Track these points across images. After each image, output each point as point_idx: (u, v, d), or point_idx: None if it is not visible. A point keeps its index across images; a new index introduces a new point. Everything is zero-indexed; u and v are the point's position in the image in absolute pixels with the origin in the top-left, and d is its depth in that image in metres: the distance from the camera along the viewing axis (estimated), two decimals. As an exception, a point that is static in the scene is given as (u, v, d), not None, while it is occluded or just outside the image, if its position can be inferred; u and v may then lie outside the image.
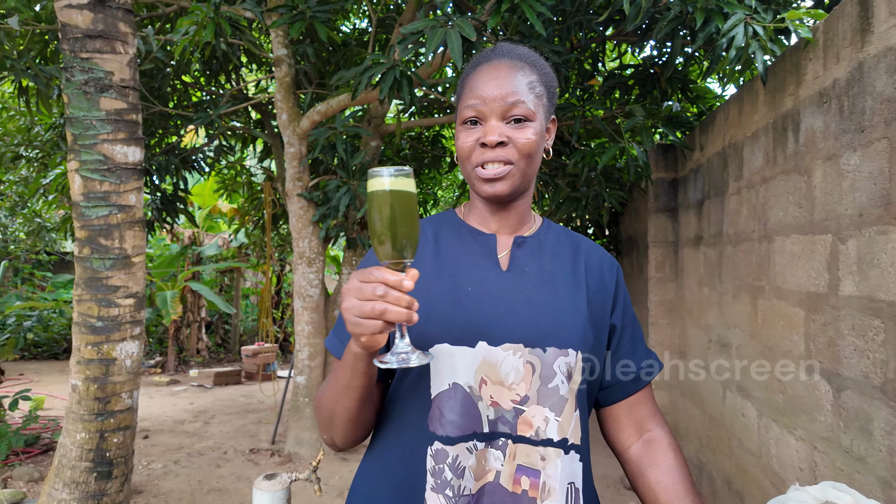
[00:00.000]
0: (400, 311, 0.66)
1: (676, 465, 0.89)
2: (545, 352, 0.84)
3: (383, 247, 0.70)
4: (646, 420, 0.95)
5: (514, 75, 0.87)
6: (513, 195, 0.90)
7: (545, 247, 0.94)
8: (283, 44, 4.07)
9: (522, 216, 0.95)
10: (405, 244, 0.70)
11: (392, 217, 0.69)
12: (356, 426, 0.87)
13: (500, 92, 0.85)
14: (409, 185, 0.70)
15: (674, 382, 3.95)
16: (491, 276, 0.89)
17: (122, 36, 2.14)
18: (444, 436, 0.82)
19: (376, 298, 0.66)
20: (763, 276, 2.49)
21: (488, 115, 0.86)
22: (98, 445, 2.22)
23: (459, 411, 0.82)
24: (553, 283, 0.90)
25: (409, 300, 0.67)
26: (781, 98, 2.35)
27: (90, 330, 2.19)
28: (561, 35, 3.41)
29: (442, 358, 0.84)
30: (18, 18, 3.09)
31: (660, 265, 4.00)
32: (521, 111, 0.86)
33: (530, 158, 0.88)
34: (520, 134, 0.86)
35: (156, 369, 7.52)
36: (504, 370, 0.83)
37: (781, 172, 2.33)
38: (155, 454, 4.14)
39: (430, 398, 0.84)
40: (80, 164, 2.13)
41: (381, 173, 0.69)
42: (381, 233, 0.69)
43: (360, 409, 0.84)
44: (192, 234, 8.56)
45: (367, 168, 3.89)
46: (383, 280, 0.66)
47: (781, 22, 2.40)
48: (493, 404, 0.82)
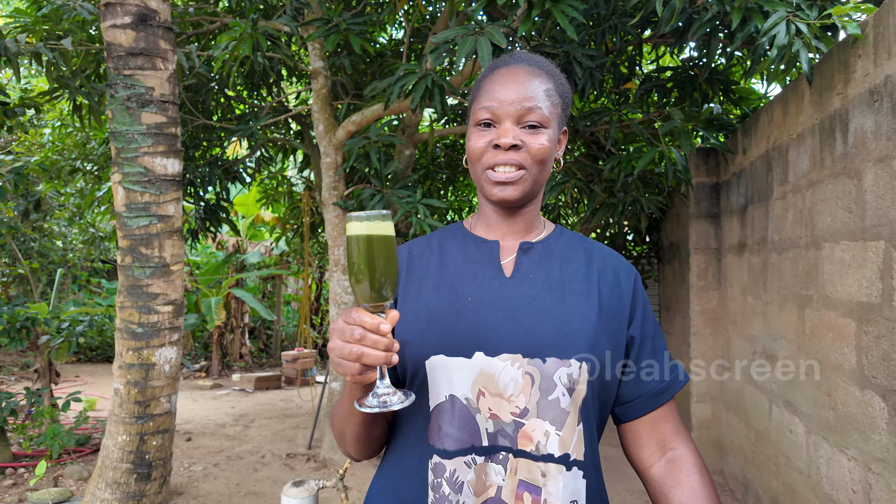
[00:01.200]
0: (377, 355, 0.67)
1: (702, 487, 0.84)
2: (545, 362, 0.81)
3: (361, 288, 0.71)
4: (669, 437, 0.89)
5: (532, 81, 0.86)
6: (522, 201, 0.88)
7: (554, 253, 0.91)
8: (319, 56, 4.16)
9: (530, 222, 0.93)
10: (384, 283, 0.70)
11: (370, 260, 0.70)
12: (365, 445, 0.88)
13: (517, 95, 0.85)
14: (387, 228, 0.71)
15: (716, 395, 3.80)
16: (493, 283, 0.87)
17: (162, 53, 2.22)
18: (442, 449, 0.80)
19: (354, 342, 0.67)
20: (811, 285, 2.37)
21: (503, 117, 0.85)
22: (138, 448, 2.29)
23: (457, 424, 0.80)
24: (561, 291, 0.87)
25: (388, 343, 0.68)
26: (829, 97, 2.23)
27: (131, 335, 2.28)
28: (595, 39, 3.35)
29: (439, 370, 0.82)
30: (72, 39, 3.27)
31: (702, 273, 3.86)
32: (536, 117, 0.85)
33: (542, 165, 0.86)
34: (534, 139, 0.85)
35: (200, 373, 7.76)
36: (502, 381, 0.81)
37: (829, 176, 2.21)
38: (196, 456, 4.26)
39: (430, 411, 0.83)
40: (122, 176, 2.22)
41: (359, 217, 0.70)
42: (360, 275, 0.70)
43: (365, 431, 0.85)
44: (236, 243, 8.82)
45: (400, 177, 3.92)
46: (361, 323, 0.67)
47: (828, 18, 2.29)
48: (492, 417, 0.80)
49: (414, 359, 0.84)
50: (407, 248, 0.96)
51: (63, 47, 3.31)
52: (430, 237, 0.97)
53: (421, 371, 0.84)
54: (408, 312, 0.87)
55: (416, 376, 0.85)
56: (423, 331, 0.84)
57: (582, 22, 3.01)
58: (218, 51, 3.40)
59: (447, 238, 0.96)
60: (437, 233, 0.98)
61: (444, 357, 0.82)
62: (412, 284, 0.90)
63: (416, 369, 0.85)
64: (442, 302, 0.86)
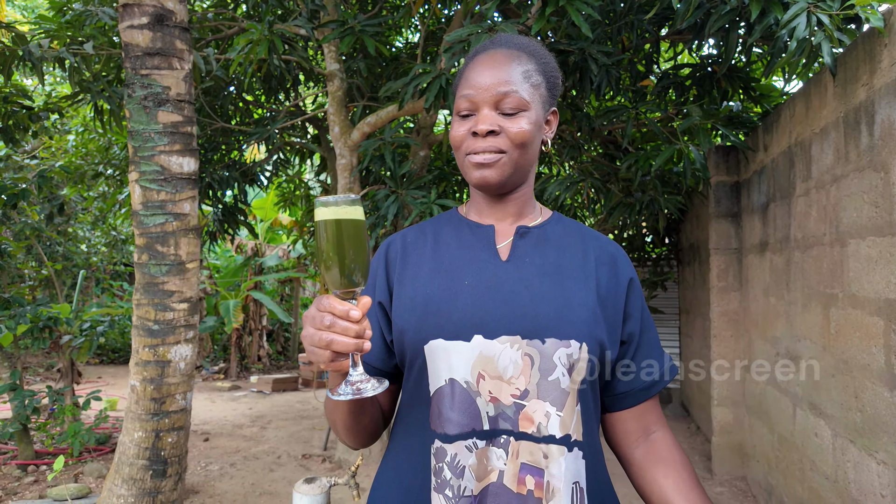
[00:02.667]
0: (347, 342, 0.65)
1: (683, 462, 0.88)
2: (544, 343, 0.80)
3: (331, 275, 0.69)
4: (652, 424, 0.92)
5: (509, 64, 0.85)
6: (504, 184, 0.87)
7: (551, 238, 0.90)
8: (335, 59, 4.19)
9: (522, 207, 0.92)
10: (354, 269, 0.69)
11: (339, 245, 0.68)
12: (356, 434, 0.88)
13: (493, 80, 0.83)
14: (356, 212, 0.69)
15: (738, 399, 3.70)
16: (489, 267, 0.86)
17: (178, 53, 2.25)
18: (443, 434, 0.80)
19: (324, 329, 0.66)
20: (836, 284, 2.29)
21: (481, 104, 0.84)
22: (154, 444, 2.31)
23: (457, 408, 0.80)
24: (558, 274, 0.86)
25: (359, 329, 0.66)
26: (853, 89, 2.17)
27: (147, 333, 2.30)
28: (611, 37, 3.32)
29: (438, 354, 0.82)
30: (93, 44, 3.34)
31: (722, 274, 3.78)
32: (513, 101, 0.83)
33: (524, 148, 0.85)
34: (512, 123, 0.83)
35: (219, 375, 7.84)
36: (502, 363, 0.80)
37: (855, 170, 2.15)
38: (213, 456, 4.29)
39: (430, 396, 0.83)
40: (139, 174, 2.25)
41: (327, 202, 0.69)
42: (329, 261, 0.69)
43: (354, 420, 0.85)
44: (255, 246, 8.91)
45: (414, 178, 3.91)
46: (331, 310, 0.66)
47: (850, 9, 2.22)
48: (493, 400, 0.79)
49: (412, 344, 0.84)
50: (401, 236, 0.96)
51: (85, 52, 3.38)
52: (423, 225, 0.97)
53: (420, 356, 0.83)
54: (404, 299, 0.87)
55: (416, 361, 0.84)
56: (421, 316, 0.84)
57: (597, 19, 2.98)
58: (234, 53, 3.44)
59: (441, 225, 0.95)
60: (431, 220, 0.97)
61: (442, 341, 0.81)
62: (407, 272, 0.90)
63: (414, 354, 0.84)
64: (438, 287, 0.85)
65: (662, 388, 0.91)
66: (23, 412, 3.64)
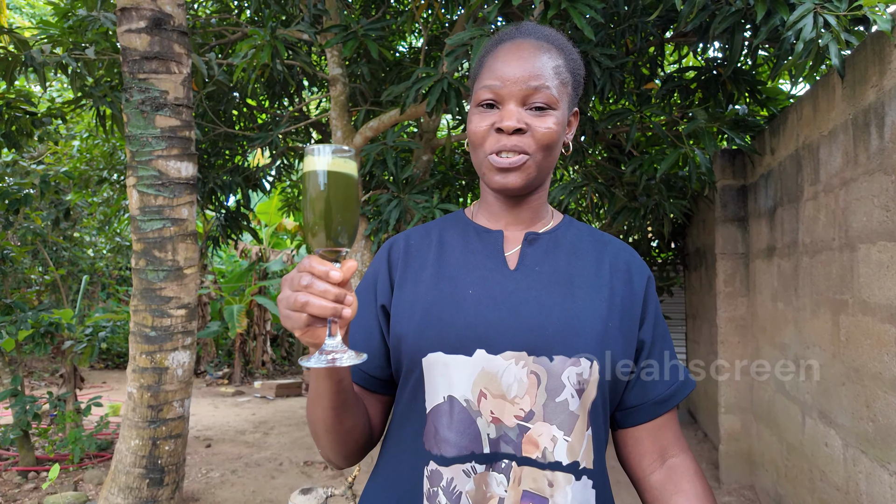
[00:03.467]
0: (324, 305, 0.59)
1: (704, 495, 0.79)
2: (552, 360, 0.74)
3: (314, 231, 0.63)
4: (670, 445, 0.83)
5: (539, 57, 0.78)
6: (526, 189, 0.81)
7: (562, 244, 0.84)
8: (338, 63, 4.18)
9: (537, 211, 0.86)
10: (340, 231, 0.63)
11: (326, 200, 0.62)
12: (337, 438, 0.78)
13: (522, 73, 0.77)
14: (348, 166, 0.64)
15: (746, 405, 3.64)
16: (495, 276, 0.80)
17: (176, 56, 2.24)
18: (439, 455, 0.73)
19: (301, 289, 0.60)
20: (845, 290, 2.24)
21: (507, 98, 0.77)
22: (150, 452, 2.28)
23: (456, 428, 0.73)
24: (569, 285, 0.80)
25: (338, 293, 0.60)
26: (862, 91, 2.12)
27: (144, 339, 2.27)
28: (615, 39, 3.28)
29: (436, 368, 0.75)
30: (95, 49, 3.34)
31: (729, 279, 3.72)
32: (543, 97, 0.77)
33: (549, 150, 0.79)
34: (540, 122, 0.77)
35: (223, 380, 7.82)
36: (505, 382, 0.74)
37: (864, 173, 2.10)
38: (215, 463, 4.26)
39: (426, 413, 0.76)
40: (137, 179, 2.23)
41: (317, 151, 0.63)
42: (314, 217, 0.63)
43: (336, 419, 0.76)
44: (259, 251, 8.91)
45: (417, 182, 3.89)
46: (310, 270, 0.60)
47: (858, 10, 2.18)
48: (495, 421, 0.73)
49: (409, 355, 0.78)
50: (405, 237, 0.90)
51: (87, 57, 3.38)
52: (428, 226, 0.91)
53: (417, 369, 0.77)
54: (403, 305, 0.81)
55: (412, 375, 0.79)
56: (420, 325, 0.78)
57: (600, 22, 2.94)
58: (237, 59, 3.43)
59: (447, 227, 0.89)
60: (437, 221, 0.91)
61: (442, 354, 0.75)
62: (409, 275, 0.84)
63: (411, 367, 0.78)
64: (440, 295, 0.79)
65: (679, 401, 0.83)
66: (24, 418, 3.62)
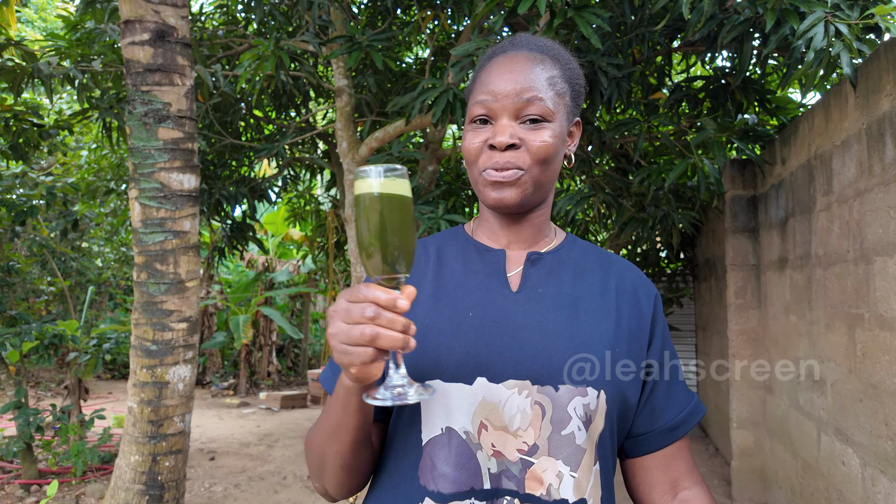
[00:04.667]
0: (395, 336, 0.55)
1: None
2: (557, 391, 0.70)
3: (372, 260, 0.60)
4: (682, 477, 0.79)
5: (532, 69, 0.75)
6: (523, 205, 0.77)
7: (566, 264, 0.80)
8: (343, 74, 4.18)
9: (539, 229, 0.82)
10: (398, 256, 0.59)
11: (382, 224, 0.59)
12: (350, 473, 0.74)
13: (514, 87, 0.74)
14: (403, 187, 0.60)
15: (759, 420, 3.56)
16: (497, 298, 0.76)
17: (179, 69, 2.23)
18: (436, 491, 0.69)
19: (366, 321, 0.55)
20: (861, 303, 2.18)
21: (499, 112, 0.74)
22: (150, 468, 2.25)
23: (454, 462, 0.69)
24: (573, 308, 0.75)
25: (405, 323, 0.56)
26: (876, 100, 2.07)
27: (145, 353, 2.25)
28: (622, 49, 3.26)
29: (434, 398, 0.71)
30: (101, 62, 3.35)
31: (740, 291, 3.66)
32: (537, 109, 0.74)
33: (545, 164, 0.75)
34: (534, 136, 0.74)
35: (228, 391, 7.79)
36: (508, 412, 0.69)
37: (879, 183, 2.04)
38: (218, 476, 4.22)
39: (422, 445, 0.72)
40: (139, 191, 2.22)
41: (369, 173, 0.59)
42: (370, 243, 0.59)
43: (353, 453, 0.72)
44: (266, 261, 8.91)
45: (422, 192, 3.86)
46: (374, 300, 0.56)
47: (870, 18, 2.14)
48: (496, 455, 0.69)
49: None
50: None
51: (93, 69, 3.39)
52: (426, 241, 0.86)
53: None
54: None
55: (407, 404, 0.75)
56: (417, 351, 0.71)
57: (607, 31, 2.91)
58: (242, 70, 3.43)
59: (446, 243, 0.84)
60: (436, 237, 0.87)
61: (440, 382, 0.71)
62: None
63: None
64: (439, 317, 0.75)
65: (689, 429, 0.79)
66: (27, 430, 3.60)
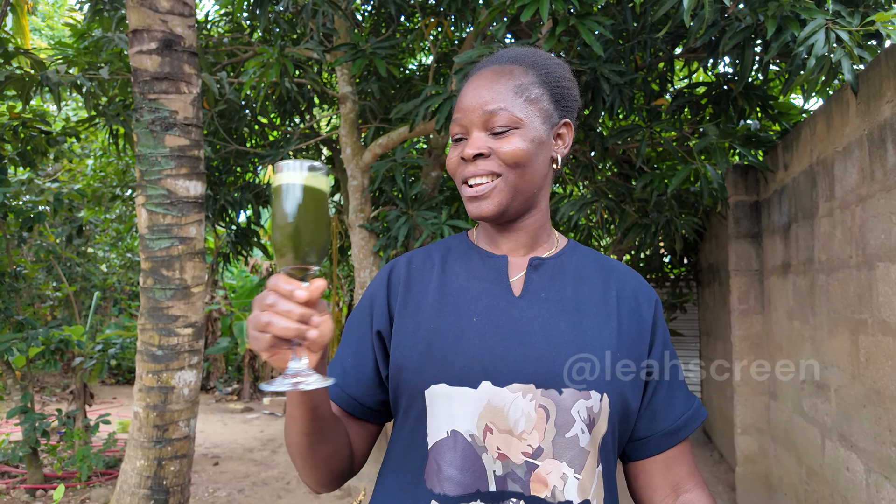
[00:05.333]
0: (287, 326, 0.57)
1: None
2: (561, 394, 0.71)
3: (281, 248, 0.61)
4: (684, 480, 0.80)
5: (498, 80, 0.79)
6: (504, 214, 0.79)
7: (568, 270, 0.82)
8: (347, 81, 4.21)
9: (536, 235, 0.83)
10: (308, 250, 0.61)
11: (294, 214, 0.60)
12: (313, 465, 0.75)
13: (478, 101, 0.78)
14: (317, 180, 0.62)
15: (763, 426, 3.55)
16: (500, 303, 0.78)
17: (186, 77, 2.26)
18: (442, 494, 0.70)
19: (265, 309, 0.58)
20: (864, 309, 2.18)
21: (469, 127, 0.78)
22: (156, 473, 2.26)
23: (460, 465, 0.70)
24: (576, 312, 0.77)
25: (304, 313, 0.58)
26: (877, 106, 2.08)
27: (151, 358, 2.27)
28: (624, 56, 3.28)
29: (439, 401, 0.73)
30: (109, 69, 3.39)
31: (743, 296, 3.66)
32: (502, 119, 0.76)
33: (521, 169, 0.77)
34: (502, 143, 0.76)
35: (232, 396, 7.81)
36: (513, 416, 0.71)
37: (881, 189, 2.05)
38: (222, 481, 4.23)
39: (427, 448, 0.73)
40: (146, 198, 2.25)
41: (287, 166, 0.61)
42: (280, 232, 0.61)
43: (308, 446, 0.72)
44: (270, 266, 8.94)
45: (425, 198, 3.88)
46: (275, 289, 0.58)
47: (870, 25, 2.15)
48: (501, 457, 0.70)
49: (411, 387, 0.75)
50: (406, 260, 0.87)
51: (100, 77, 3.43)
52: (430, 248, 0.88)
53: (419, 401, 0.74)
54: (405, 333, 0.78)
55: (413, 407, 0.75)
56: (423, 355, 0.75)
57: (609, 38, 2.94)
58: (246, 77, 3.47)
59: (450, 250, 0.86)
60: (440, 243, 0.88)
61: (445, 386, 0.72)
62: (410, 301, 0.81)
63: (412, 399, 0.75)
64: (444, 323, 0.77)
65: (691, 432, 0.80)
66: (33, 435, 3.62)
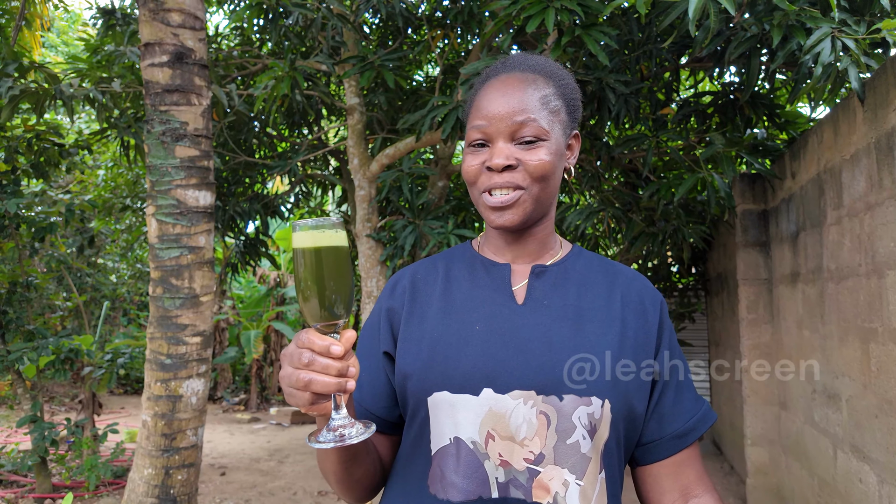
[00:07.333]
0: (328, 382, 0.59)
1: None
2: (562, 400, 0.71)
3: (309, 306, 0.63)
4: (693, 484, 0.79)
5: (525, 90, 0.78)
6: (525, 224, 0.79)
7: (571, 276, 0.82)
8: (355, 93, 4.26)
9: (543, 243, 0.84)
10: (335, 301, 0.63)
11: (318, 274, 0.62)
12: (350, 487, 0.78)
13: (508, 110, 0.77)
14: (337, 238, 0.64)
15: (774, 437, 3.51)
16: (502, 311, 0.78)
17: (197, 89, 2.30)
18: (446, 500, 0.71)
19: (302, 367, 0.59)
20: (874, 317, 2.16)
21: (495, 135, 0.78)
22: (163, 482, 2.27)
23: (462, 472, 0.71)
24: (578, 319, 0.77)
25: (341, 367, 0.59)
26: (884, 114, 2.08)
27: (159, 367, 2.28)
28: (629, 66, 3.30)
29: (442, 409, 0.73)
30: (121, 82, 3.45)
31: (752, 305, 3.63)
32: (531, 130, 0.76)
33: (544, 181, 0.78)
34: (531, 155, 0.76)
35: (239, 406, 7.81)
36: (514, 422, 0.71)
37: (890, 197, 2.04)
38: (229, 492, 4.22)
39: (431, 455, 0.74)
40: (156, 208, 2.28)
41: (304, 226, 0.63)
42: (307, 292, 0.63)
43: (345, 471, 0.75)
44: (278, 276, 8.98)
45: (432, 207, 3.90)
46: (309, 345, 0.59)
47: (877, 33, 2.16)
48: (503, 464, 0.71)
49: (415, 394, 0.76)
50: (410, 272, 0.89)
51: (113, 90, 3.49)
52: (435, 259, 0.89)
53: (422, 409, 0.75)
54: (410, 341, 0.79)
55: (418, 414, 0.76)
56: (426, 363, 0.76)
57: (614, 48, 2.95)
58: (258, 90, 3.52)
59: (454, 260, 0.87)
60: (444, 254, 0.90)
61: (448, 394, 0.73)
62: (415, 311, 0.82)
63: (417, 406, 0.76)
64: (447, 331, 0.78)
65: (699, 435, 0.79)
66: (42, 444, 3.64)
